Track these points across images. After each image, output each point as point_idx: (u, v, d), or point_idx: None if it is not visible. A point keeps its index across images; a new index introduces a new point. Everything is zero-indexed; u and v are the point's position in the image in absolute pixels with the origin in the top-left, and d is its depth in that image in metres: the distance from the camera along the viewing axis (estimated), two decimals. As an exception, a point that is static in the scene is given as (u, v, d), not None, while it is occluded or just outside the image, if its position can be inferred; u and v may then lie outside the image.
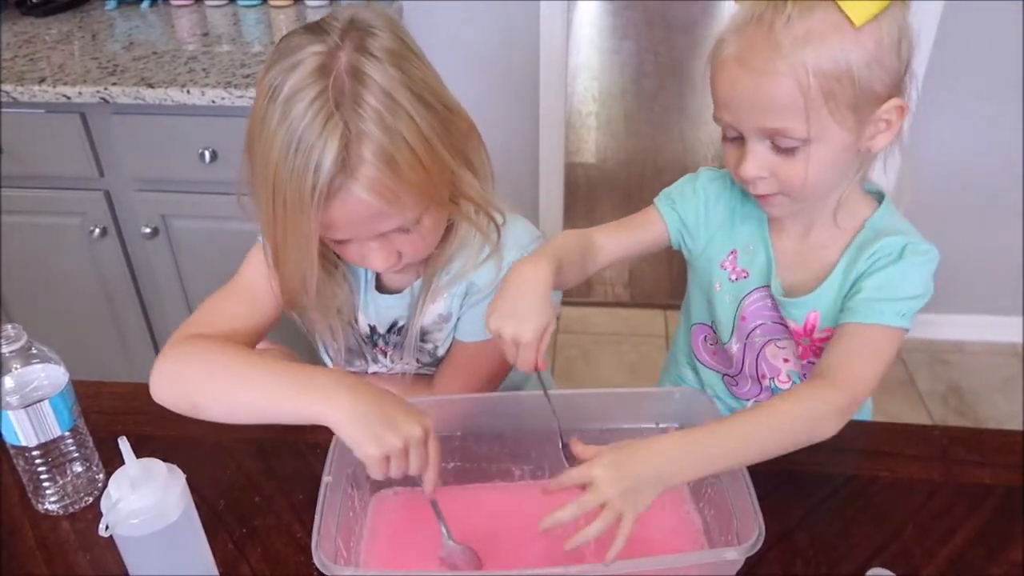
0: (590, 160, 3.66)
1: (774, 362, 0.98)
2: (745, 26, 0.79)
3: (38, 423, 0.87)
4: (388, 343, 1.03)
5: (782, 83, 0.77)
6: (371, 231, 0.83)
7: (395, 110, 0.78)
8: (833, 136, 0.80)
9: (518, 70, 2.23)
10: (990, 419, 2.21)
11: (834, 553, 0.87)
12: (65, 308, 1.94)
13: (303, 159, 0.76)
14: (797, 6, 0.76)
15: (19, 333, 0.85)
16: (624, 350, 2.50)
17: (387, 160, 0.77)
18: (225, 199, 1.74)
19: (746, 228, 0.96)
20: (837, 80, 0.77)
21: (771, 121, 0.80)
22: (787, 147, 0.81)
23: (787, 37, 0.76)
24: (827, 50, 0.76)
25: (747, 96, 0.80)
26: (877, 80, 0.78)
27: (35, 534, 0.91)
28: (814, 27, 0.76)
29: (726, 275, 0.97)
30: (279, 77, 0.77)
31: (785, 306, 0.93)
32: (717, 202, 0.98)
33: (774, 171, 0.83)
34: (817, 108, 0.78)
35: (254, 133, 0.80)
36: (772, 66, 0.77)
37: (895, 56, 0.79)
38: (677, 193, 1.00)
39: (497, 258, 0.95)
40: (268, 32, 1.91)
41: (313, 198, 0.77)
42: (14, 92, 1.62)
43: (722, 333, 1.00)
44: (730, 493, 0.82)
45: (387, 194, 0.79)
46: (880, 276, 0.85)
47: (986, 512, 0.91)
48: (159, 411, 1.06)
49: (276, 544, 0.88)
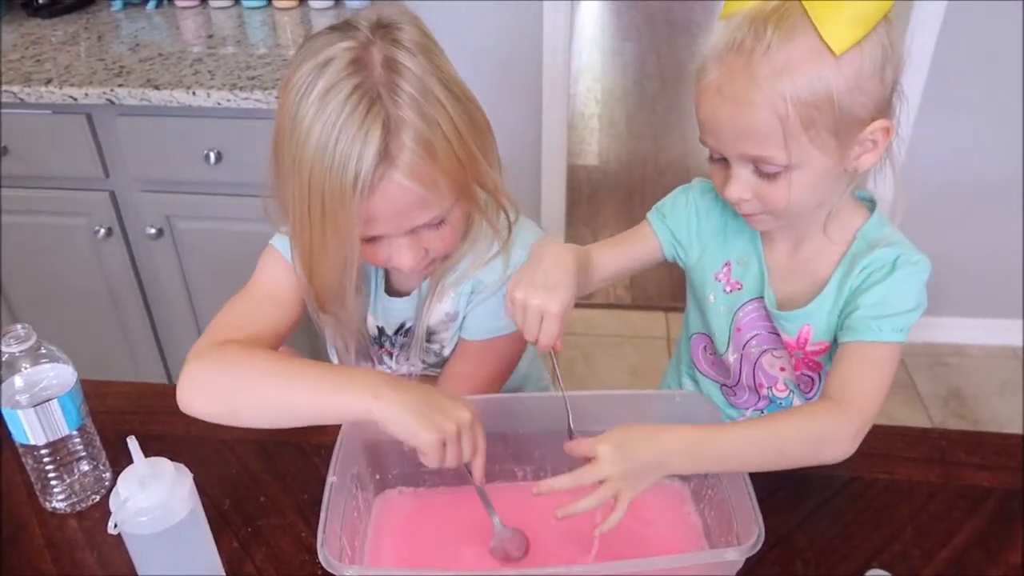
0: (592, 162, 3.66)
1: (771, 371, 0.99)
2: (725, 53, 0.78)
3: (47, 422, 0.88)
4: (395, 344, 1.04)
5: (760, 114, 0.77)
6: (407, 224, 0.84)
7: (430, 99, 0.79)
8: (815, 161, 0.80)
9: (521, 71, 2.24)
10: (990, 422, 2.21)
11: (834, 555, 0.87)
12: (70, 308, 1.95)
13: (344, 152, 0.76)
14: (777, 34, 0.75)
15: (29, 333, 0.86)
16: (625, 352, 2.51)
17: (426, 147, 0.79)
18: (230, 200, 1.75)
19: (739, 240, 0.97)
20: (816, 108, 0.76)
21: (751, 149, 0.80)
22: (769, 172, 0.81)
23: (765, 67, 0.75)
24: (806, 79, 0.75)
25: (727, 124, 0.80)
26: (859, 105, 0.78)
27: (43, 532, 0.92)
28: (793, 56, 0.75)
29: (720, 287, 0.98)
30: (310, 75, 0.78)
31: (778, 319, 0.94)
32: (709, 215, 0.98)
33: (757, 193, 0.84)
34: (796, 136, 0.78)
35: (283, 135, 0.81)
36: (750, 97, 0.77)
37: (878, 81, 0.78)
38: (669, 207, 1.01)
39: (505, 256, 0.95)
40: (273, 34, 1.92)
41: (356, 190, 0.77)
42: (20, 93, 1.63)
43: (719, 344, 1.00)
44: (730, 494, 0.83)
45: (427, 180, 0.80)
46: (875, 292, 0.85)
47: (985, 515, 0.92)
48: (164, 411, 1.07)
49: (281, 543, 0.89)
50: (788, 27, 0.75)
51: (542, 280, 0.80)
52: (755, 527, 0.75)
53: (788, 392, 1.00)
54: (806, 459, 0.81)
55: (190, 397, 0.85)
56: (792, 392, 1.00)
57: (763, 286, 0.94)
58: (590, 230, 3.14)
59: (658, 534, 0.89)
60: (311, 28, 1.95)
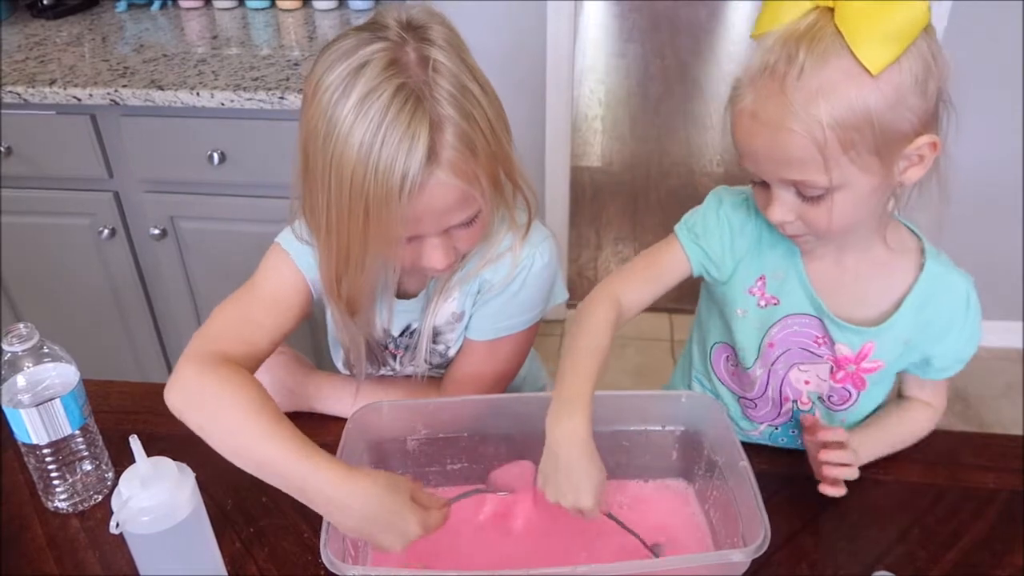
0: (596, 164, 3.66)
1: (797, 385, 0.98)
2: (758, 77, 0.76)
3: (49, 421, 0.88)
4: (399, 346, 1.04)
5: (797, 140, 0.75)
6: (446, 223, 0.83)
7: (467, 95, 0.79)
8: (858, 181, 0.77)
9: (524, 73, 2.24)
10: (995, 424, 2.21)
11: (839, 556, 0.87)
12: (74, 308, 1.95)
13: (390, 154, 0.75)
14: (810, 57, 0.73)
15: (31, 332, 0.86)
16: (629, 354, 2.51)
17: (467, 143, 0.78)
18: (234, 201, 1.75)
19: (775, 254, 0.94)
20: (856, 130, 0.74)
21: (791, 174, 0.78)
22: (811, 195, 0.79)
23: (799, 92, 0.73)
24: (843, 101, 0.73)
25: (764, 151, 0.78)
26: (902, 121, 0.75)
27: (45, 532, 0.91)
28: (828, 78, 0.73)
29: (754, 301, 0.95)
30: (346, 78, 0.76)
31: (841, 331, 0.92)
32: (743, 230, 0.95)
33: (801, 216, 0.82)
34: (836, 159, 0.75)
35: (315, 140, 0.78)
36: (785, 123, 0.74)
37: (920, 95, 0.75)
38: (700, 226, 0.97)
39: (515, 253, 0.95)
40: (277, 35, 1.92)
41: (403, 191, 0.76)
42: (25, 94, 1.63)
43: (745, 358, 0.98)
44: (736, 495, 0.82)
45: (469, 176, 0.79)
46: (949, 343, 0.93)
47: (991, 516, 0.92)
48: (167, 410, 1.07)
49: (283, 544, 0.89)
50: (821, 49, 0.73)
51: (564, 479, 0.79)
52: (761, 528, 0.74)
53: (811, 405, 0.99)
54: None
55: (170, 395, 0.85)
56: (815, 405, 0.99)
57: (805, 301, 0.92)
58: (593, 232, 3.14)
59: (664, 535, 0.89)
60: (315, 29, 1.95)
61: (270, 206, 1.72)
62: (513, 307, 0.97)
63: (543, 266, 0.97)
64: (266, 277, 0.95)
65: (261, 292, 0.94)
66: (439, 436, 0.92)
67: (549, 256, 0.97)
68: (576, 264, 2.92)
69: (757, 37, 0.78)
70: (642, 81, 4.56)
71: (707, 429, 0.90)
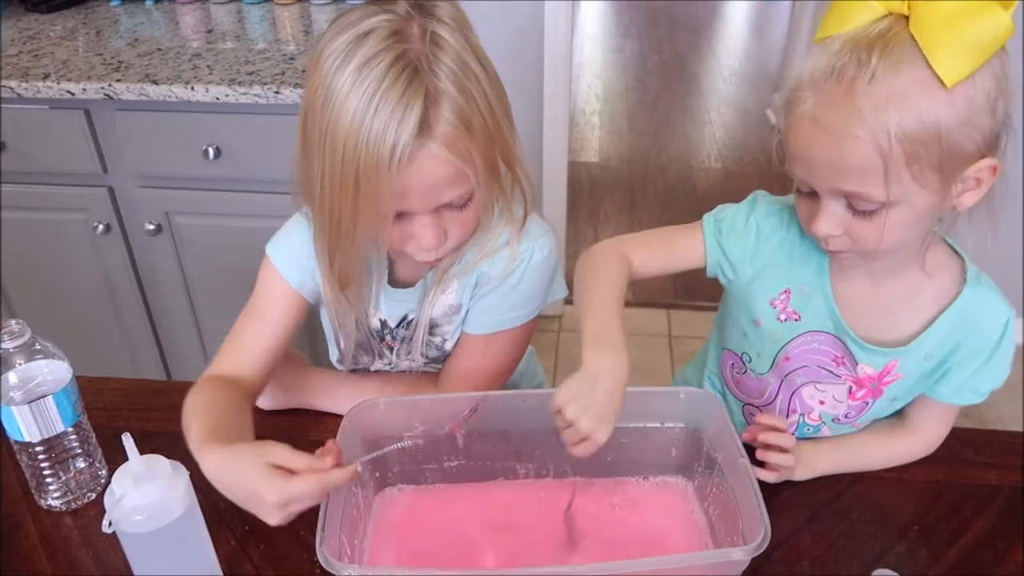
0: (593, 159, 3.66)
1: (809, 402, 0.96)
2: (823, 81, 0.73)
3: (41, 419, 0.87)
4: (396, 337, 1.03)
5: (861, 148, 0.71)
6: (437, 200, 0.83)
7: (468, 73, 0.78)
8: (914, 199, 0.74)
9: (522, 68, 2.23)
10: (995, 421, 2.20)
11: (840, 554, 0.86)
12: (69, 304, 1.94)
13: (383, 122, 0.75)
14: (883, 63, 0.69)
15: (23, 328, 0.85)
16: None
17: (464, 120, 0.78)
18: (229, 196, 1.74)
19: (804, 270, 0.91)
20: (923, 144, 0.71)
21: (848, 184, 0.75)
22: (864, 209, 0.76)
23: (869, 99, 0.70)
24: (913, 112, 0.70)
25: (822, 158, 0.75)
26: (968, 140, 0.72)
27: (38, 530, 0.90)
28: (900, 87, 0.69)
29: (774, 313, 0.93)
30: (348, 46, 0.76)
31: (865, 351, 0.90)
32: (770, 238, 0.92)
33: (848, 231, 0.79)
34: (898, 172, 0.72)
35: (313, 107, 0.79)
36: (851, 130, 0.71)
37: (989, 115, 0.72)
38: (728, 224, 0.94)
39: (513, 246, 0.94)
40: (272, 29, 1.91)
41: (393, 161, 0.76)
42: (18, 88, 1.62)
43: (758, 364, 0.97)
44: (736, 493, 0.82)
45: (463, 153, 0.79)
46: (970, 370, 0.89)
47: (993, 513, 0.91)
48: (162, 407, 1.06)
49: (278, 542, 0.88)
50: (895, 56, 0.69)
51: (596, 409, 0.77)
52: (761, 526, 0.73)
53: (820, 422, 0.98)
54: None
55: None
56: (824, 424, 0.98)
57: (828, 321, 0.90)
58: (591, 227, 3.13)
59: (663, 533, 0.88)
60: (311, 23, 1.94)
61: (266, 201, 1.71)
62: (511, 301, 0.97)
63: (542, 260, 0.96)
64: (261, 295, 0.98)
65: (258, 309, 0.98)
66: (436, 432, 0.91)
67: (549, 250, 0.97)
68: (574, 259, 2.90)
69: (820, 41, 0.74)
70: (640, 76, 4.55)
71: (706, 426, 0.89)
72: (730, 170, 3.51)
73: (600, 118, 4.04)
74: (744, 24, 5.46)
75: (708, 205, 0.99)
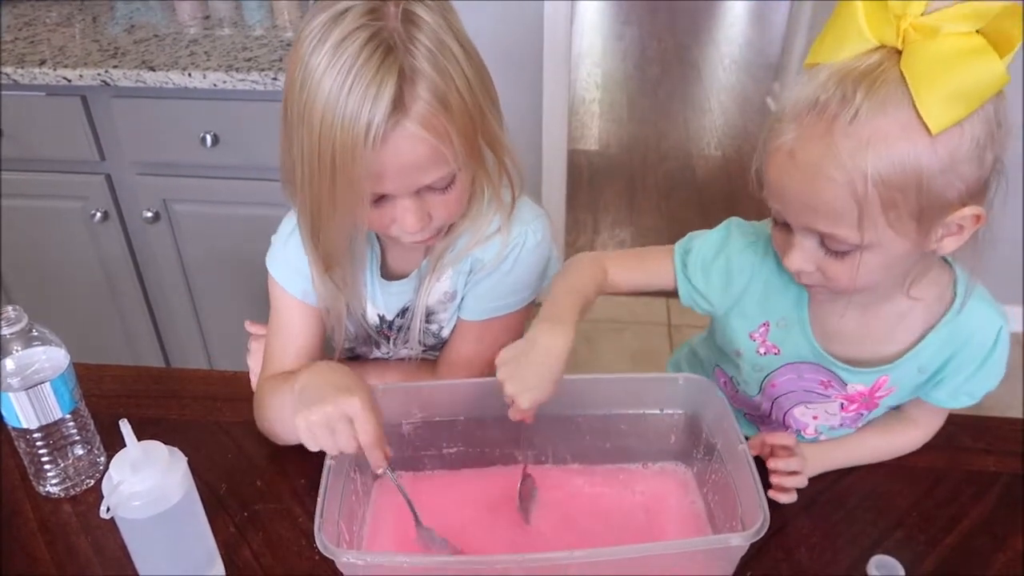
0: (593, 147, 3.65)
1: (802, 419, 0.96)
2: (804, 114, 0.69)
3: (39, 405, 0.86)
4: (393, 327, 1.03)
5: (835, 190, 0.69)
6: (416, 182, 0.82)
7: (445, 53, 0.78)
8: (890, 243, 0.72)
9: (521, 56, 2.22)
10: (993, 408, 2.20)
11: (838, 540, 0.87)
12: (66, 292, 1.93)
13: (357, 100, 0.74)
14: (868, 101, 0.66)
15: (20, 315, 0.85)
16: (626, 338, 2.50)
17: (440, 99, 0.77)
18: (227, 183, 1.74)
19: (783, 302, 0.88)
20: (901, 190, 0.68)
21: (820, 224, 0.73)
22: (837, 250, 0.74)
23: (848, 140, 0.67)
24: (893, 157, 0.66)
25: (797, 195, 0.72)
26: (950, 189, 0.69)
27: (36, 516, 0.90)
28: (882, 128, 0.66)
29: (754, 346, 0.91)
30: (325, 25, 0.76)
31: (853, 374, 0.88)
32: (743, 272, 0.89)
33: (821, 268, 0.77)
34: (873, 217, 0.69)
35: (292, 88, 0.79)
36: (826, 170, 0.68)
37: (976, 163, 0.68)
38: (695, 257, 0.91)
39: (504, 232, 0.94)
40: (270, 16, 1.90)
41: (368, 140, 0.75)
42: (14, 74, 1.61)
43: (747, 389, 0.97)
44: (735, 479, 0.82)
45: (440, 132, 0.78)
46: (964, 377, 0.87)
47: (991, 500, 0.91)
48: (160, 394, 1.06)
49: (278, 528, 0.88)
50: (881, 95, 0.66)
51: (521, 374, 0.79)
52: (760, 512, 0.73)
53: (816, 435, 0.97)
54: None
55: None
56: (821, 434, 0.97)
57: (808, 353, 0.89)
58: (591, 215, 3.13)
59: (662, 519, 0.88)
60: (308, 9, 1.92)
61: (263, 188, 1.70)
62: (505, 287, 0.96)
63: (535, 244, 0.96)
64: (275, 309, 1.00)
65: (277, 326, 1.00)
66: (435, 419, 0.91)
67: (542, 234, 0.96)
68: (573, 248, 2.91)
69: (811, 66, 0.71)
70: (640, 64, 4.54)
71: (705, 413, 0.89)
72: (730, 158, 3.50)
73: (600, 106, 4.02)
74: (744, 11, 5.43)
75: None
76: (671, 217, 3.08)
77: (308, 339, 0.99)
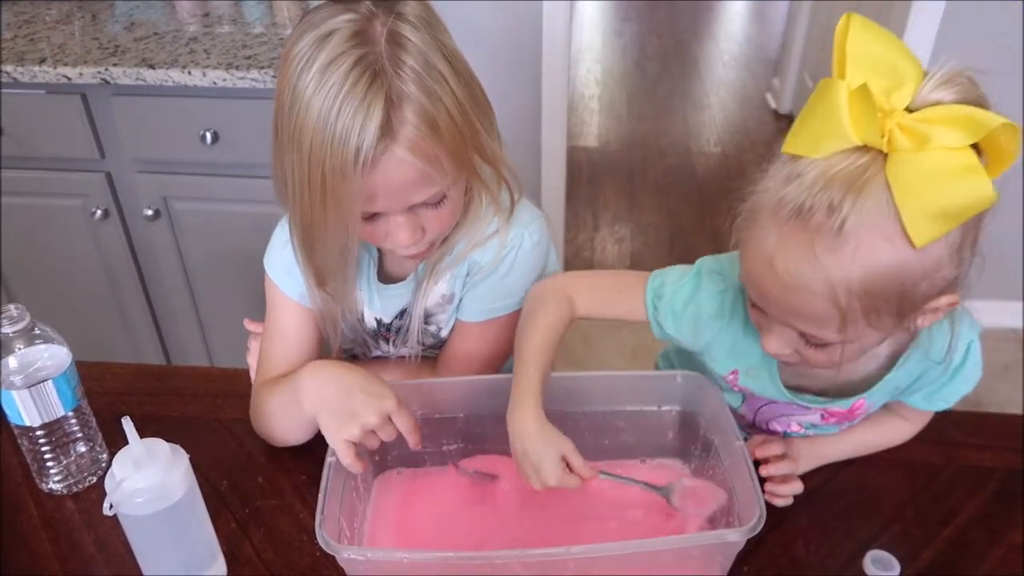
0: (592, 144, 3.65)
1: (786, 428, 0.96)
2: (788, 220, 0.66)
3: (41, 403, 0.87)
4: (391, 329, 1.03)
5: (816, 302, 0.68)
6: (407, 201, 0.82)
7: (433, 74, 0.78)
8: (869, 336, 0.72)
9: (520, 53, 2.22)
10: (991, 404, 2.21)
11: (834, 535, 0.87)
12: (67, 289, 1.94)
13: (345, 125, 0.74)
14: (854, 212, 0.63)
15: (22, 313, 0.85)
16: (624, 335, 2.50)
17: (428, 122, 0.77)
18: (227, 181, 1.74)
19: (751, 354, 0.86)
20: (883, 299, 0.67)
21: (799, 325, 0.72)
22: (817, 343, 0.73)
23: (832, 253, 0.65)
24: (878, 269, 0.65)
25: (776, 299, 0.71)
26: (931, 288, 0.68)
27: (39, 513, 0.91)
28: (867, 242, 0.64)
29: (727, 386, 0.91)
30: (312, 47, 0.76)
31: (827, 404, 0.88)
32: (711, 323, 0.88)
33: (799, 351, 0.76)
34: (855, 322, 0.68)
35: (282, 108, 0.79)
36: (807, 283, 0.67)
37: (955, 264, 0.68)
38: (667, 302, 0.89)
39: (501, 235, 0.94)
40: (269, 13, 1.90)
41: (357, 164, 0.75)
42: (14, 72, 1.62)
43: (729, 399, 0.95)
44: (731, 474, 0.82)
45: (429, 155, 0.78)
46: (949, 385, 0.87)
47: (987, 495, 0.92)
48: (161, 391, 1.07)
49: (279, 524, 0.89)
50: (868, 205, 0.63)
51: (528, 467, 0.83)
52: (756, 508, 0.74)
53: (802, 430, 0.96)
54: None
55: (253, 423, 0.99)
56: (806, 431, 0.97)
57: (779, 395, 0.88)
58: (590, 211, 3.13)
59: (659, 515, 0.89)
60: (307, 7, 1.92)
61: (263, 186, 1.69)
62: (503, 288, 0.97)
63: (532, 245, 0.96)
64: (271, 311, 1.00)
65: (273, 328, 1.00)
66: (435, 416, 0.92)
67: (539, 235, 0.96)
68: (573, 244, 2.91)
69: (790, 153, 0.68)
70: (639, 60, 4.53)
71: (703, 409, 0.90)
72: (729, 154, 3.50)
73: (599, 103, 4.02)
74: (744, 8, 5.43)
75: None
76: (670, 213, 3.08)
77: (305, 341, 0.98)
